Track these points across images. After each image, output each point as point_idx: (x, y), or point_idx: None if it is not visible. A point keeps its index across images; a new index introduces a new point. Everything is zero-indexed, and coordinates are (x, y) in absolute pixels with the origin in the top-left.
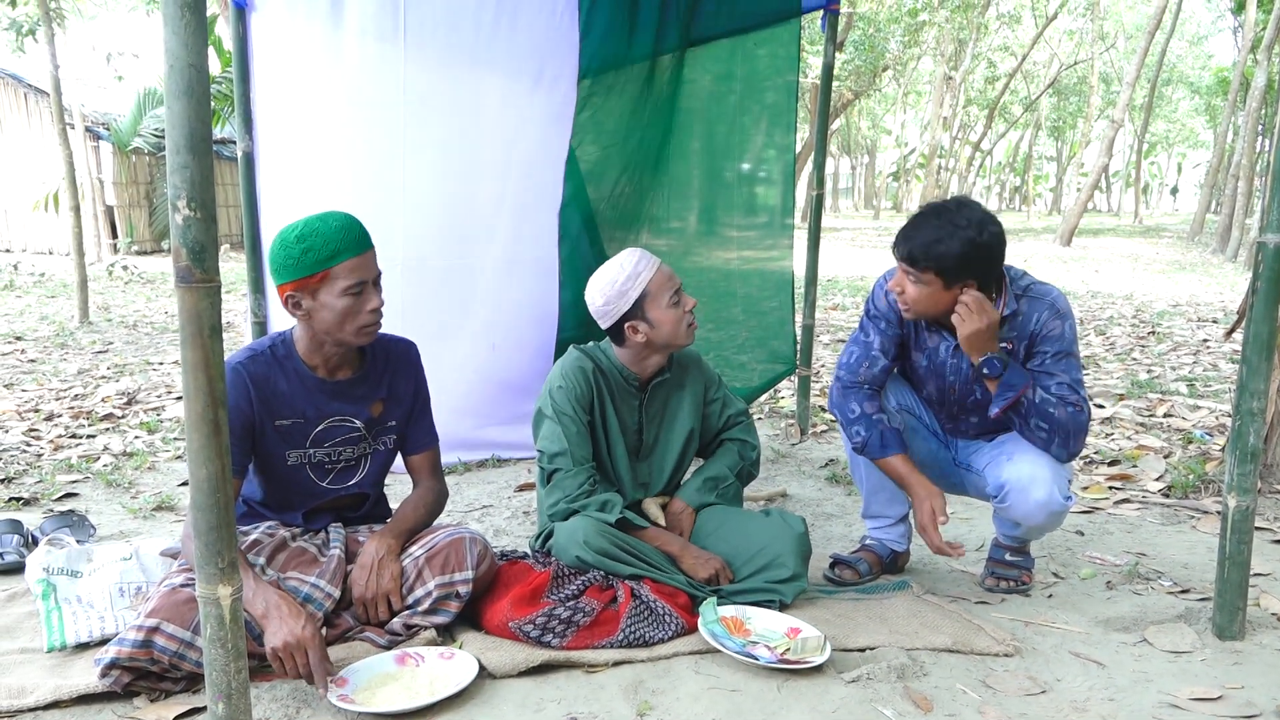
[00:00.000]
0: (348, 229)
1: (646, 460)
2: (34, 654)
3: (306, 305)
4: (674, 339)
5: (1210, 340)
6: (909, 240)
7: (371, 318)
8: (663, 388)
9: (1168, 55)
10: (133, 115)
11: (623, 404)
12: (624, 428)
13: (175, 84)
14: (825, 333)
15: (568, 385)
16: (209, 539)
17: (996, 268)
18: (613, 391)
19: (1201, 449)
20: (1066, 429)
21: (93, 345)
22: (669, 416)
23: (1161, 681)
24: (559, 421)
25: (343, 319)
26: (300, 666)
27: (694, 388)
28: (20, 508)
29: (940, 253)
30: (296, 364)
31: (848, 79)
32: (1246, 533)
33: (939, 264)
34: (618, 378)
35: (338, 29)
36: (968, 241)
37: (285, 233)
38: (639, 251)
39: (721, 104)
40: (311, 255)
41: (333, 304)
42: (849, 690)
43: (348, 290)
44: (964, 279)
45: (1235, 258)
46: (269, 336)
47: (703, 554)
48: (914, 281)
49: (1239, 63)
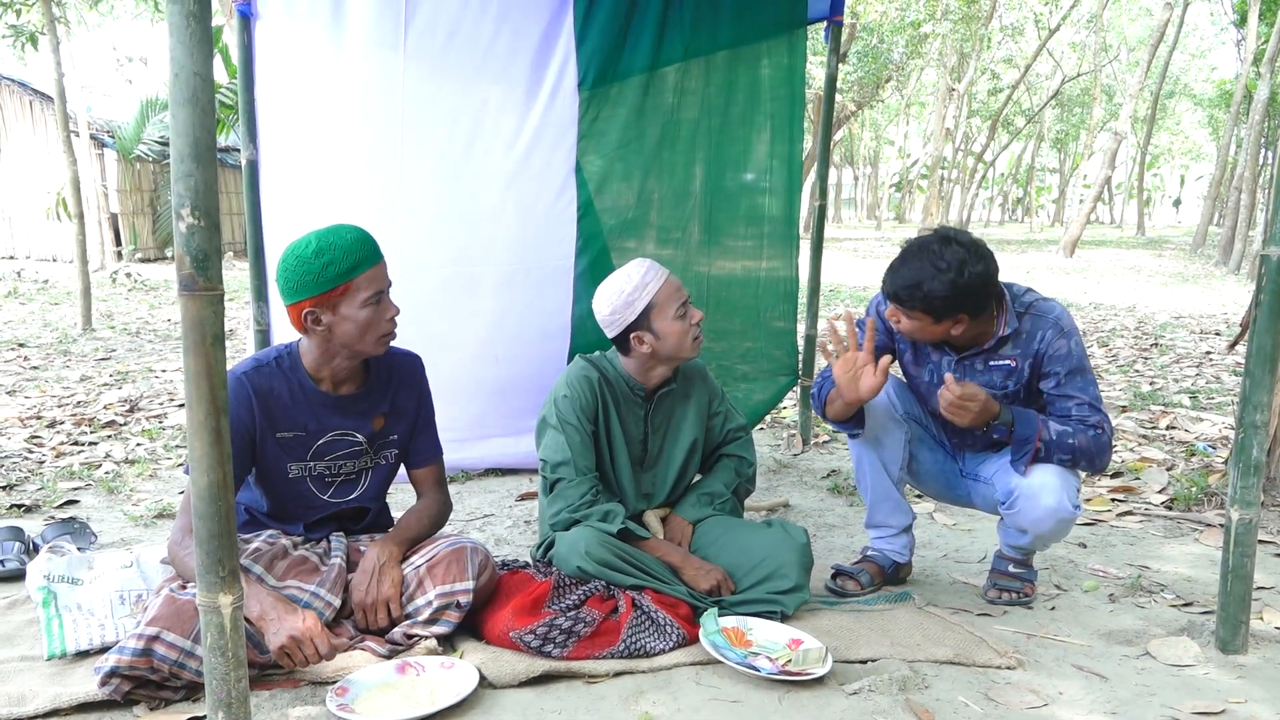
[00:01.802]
0: (363, 240)
1: (650, 471)
2: (34, 661)
3: (327, 320)
4: (679, 351)
5: (1213, 352)
6: (894, 280)
7: (390, 325)
8: (668, 398)
9: (1171, 68)
10: (137, 123)
11: (628, 414)
12: (628, 438)
13: (180, 92)
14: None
15: (573, 394)
16: (210, 547)
17: (985, 302)
18: (618, 401)
19: (1204, 461)
20: (1089, 453)
21: (95, 352)
22: (674, 428)
23: (1164, 695)
24: (563, 431)
25: (364, 330)
26: (311, 657)
27: (699, 399)
28: (22, 514)
29: (924, 295)
30: (302, 377)
31: (851, 90)
32: (1249, 546)
33: (924, 305)
34: (623, 387)
35: (341, 37)
36: (949, 284)
37: (300, 249)
38: (647, 262)
39: (725, 115)
40: (333, 269)
41: (354, 316)
42: (850, 702)
43: (368, 301)
44: (953, 315)
45: (1238, 270)
46: (274, 348)
47: (704, 565)
48: (906, 315)
49: (1241, 75)
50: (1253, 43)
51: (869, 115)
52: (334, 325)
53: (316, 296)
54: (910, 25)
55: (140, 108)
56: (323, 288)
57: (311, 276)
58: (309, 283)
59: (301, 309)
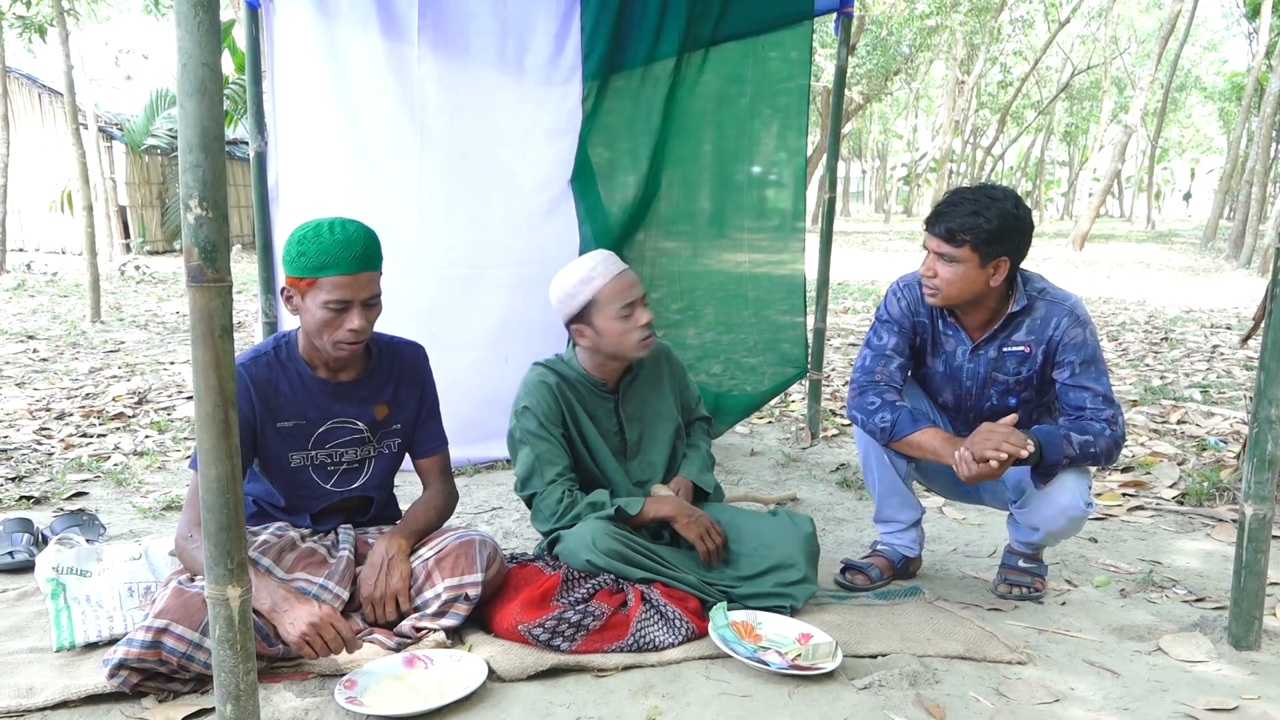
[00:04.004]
0: (347, 245)
1: (636, 459)
2: (43, 653)
3: (296, 303)
4: (620, 350)
5: (1223, 346)
6: (947, 216)
7: (349, 336)
8: (634, 386)
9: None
10: (145, 115)
11: (597, 409)
12: (603, 432)
13: (188, 83)
14: (836, 336)
15: (533, 403)
16: (219, 539)
17: (1026, 247)
18: (583, 399)
19: (1216, 456)
20: (1109, 453)
21: (104, 345)
22: (650, 413)
23: (1176, 691)
24: (529, 443)
25: (320, 328)
26: (331, 642)
27: (670, 380)
28: (31, 506)
29: (979, 225)
30: (299, 365)
31: (859, 83)
32: (1263, 541)
33: (976, 236)
34: (585, 385)
35: (352, 29)
36: (1005, 214)
37: (302, 228)
38: (603, 253)
39: (732, 107)
40: (304, 260)
41: (314, 311)
42: (860, 697)
43: (329, 304)
44: (998, 254)
45: (1249, 264)
46: (273, 337)
47: (694, 512)
48: (948, 262)
49: (1253, 68)
50: (1265, 35)
51: (877, 108)
52: (300, 310)
53: (290, 278)
54: (919, 18)
55: (150, 99)
56: (294, 272)
57: (289, 258)
58: (288, 261)
59: (285, 281)
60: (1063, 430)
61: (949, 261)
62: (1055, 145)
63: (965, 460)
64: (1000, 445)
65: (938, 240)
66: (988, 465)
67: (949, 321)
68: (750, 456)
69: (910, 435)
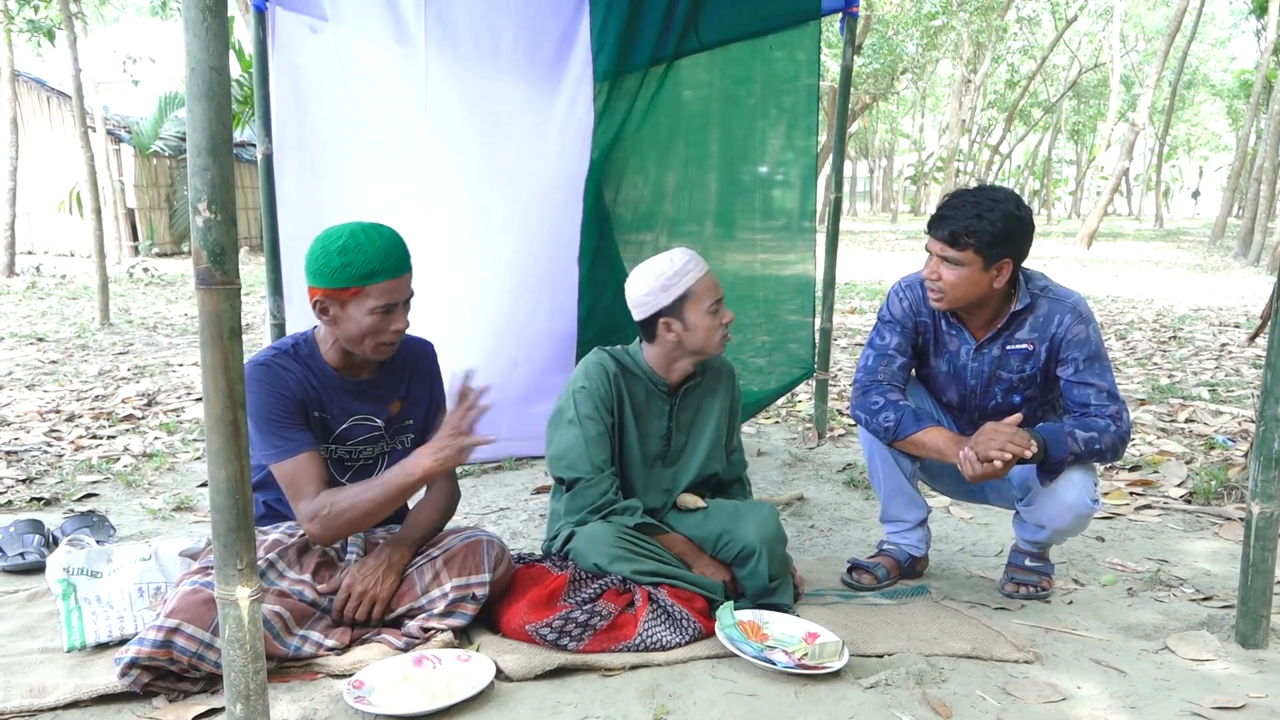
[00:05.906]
0: (390, 251)
1: (672, 467)
2: (54, 653)
3: (334, 313)
4: (704, 346)
5: (1232, 345)
6: (950, 219)
7: (393, 337)
8: (694, 393)
9: (1189, 58)
10: (154, 118)
11: (650, 408)
12: (649, 432)
13: (196, 86)
14: (843, 336)
15: (591, 386)
16: (228, 540)
17: (1028, 247)
18: (637, 395)
19: (1224, 455)
20: (1114, 449)
21: (113, 347)
22: (700, 424)
23: (1184, 690)
24: (580, 424)
25: (364, 334)
26: (360, 614)
27: (724, 399)
28: (41, 508)
29: (982, 227)
30: (320, 363)
31: (865, 82)
32: (1271, 540)
33: (980, 239)
34: (646, 382)
35: (359, 32)
36: (1008, 215)
37: (329, 239)
38: (690, 252)
39: (740, 106)
40: (350, 270)
41: (359, 319)
42: (867, 696)
43: (376, 309)
44: (1002, 255)
45: (1257, 262)
46: (291, 336)
47: (713, 564)
48: (952, 265)
49: (1262, 65)
50: (1273, 32)
51: (883, 108)
52: (338, 319)
53: (330, 290)
54: (925, 16)
55: (159, 103)
56: (336, 284)
57: (330, 270)
58: (326, 274)
59: (315, 294)
60: (1067, 427)
61: (953, 265)
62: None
63: (970, 460)
64: (1004, 445)
65: (941, 244)
66: (992, 465)
67: (952, 321)
68: (757, 456)
69: (914, 435)
